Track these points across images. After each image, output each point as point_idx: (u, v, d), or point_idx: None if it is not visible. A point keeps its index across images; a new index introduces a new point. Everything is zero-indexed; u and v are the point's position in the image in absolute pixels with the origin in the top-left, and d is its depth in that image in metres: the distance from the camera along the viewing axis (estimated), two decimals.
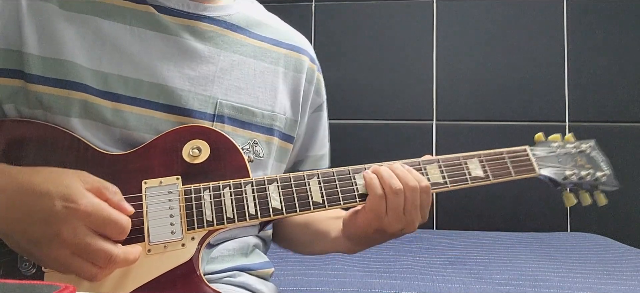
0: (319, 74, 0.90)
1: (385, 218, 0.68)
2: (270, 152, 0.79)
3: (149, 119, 0.69)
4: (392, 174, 0.69)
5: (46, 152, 0.65)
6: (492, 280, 1.26)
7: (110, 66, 0.69)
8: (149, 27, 0.72)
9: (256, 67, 0.79)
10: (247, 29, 0.81)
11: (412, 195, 0.68)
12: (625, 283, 1.24)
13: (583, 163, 0.80)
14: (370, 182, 0.69)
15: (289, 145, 0.84)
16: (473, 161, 0.75)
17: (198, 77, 0.73)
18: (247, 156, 0.71)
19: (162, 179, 0.65)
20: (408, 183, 0.68)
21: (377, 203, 0.68)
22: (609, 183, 0.79)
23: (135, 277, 0.60)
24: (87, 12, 0.69)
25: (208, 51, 0.75)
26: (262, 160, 0.78)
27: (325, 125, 0.93)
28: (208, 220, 0.64)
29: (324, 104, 0.92)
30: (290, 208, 0.67)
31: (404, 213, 0.68)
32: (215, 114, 0.73)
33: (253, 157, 0.76)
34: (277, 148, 0.81)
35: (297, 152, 0.90)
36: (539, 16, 2.18)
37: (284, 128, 0.82)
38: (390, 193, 0.67)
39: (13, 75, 0.66)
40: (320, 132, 0.92)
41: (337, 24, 2.29)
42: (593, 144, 0.83)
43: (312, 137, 0.91)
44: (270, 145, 0.79)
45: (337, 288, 1.21)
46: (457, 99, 2.20)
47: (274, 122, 0.79)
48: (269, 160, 0.79)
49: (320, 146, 0.92)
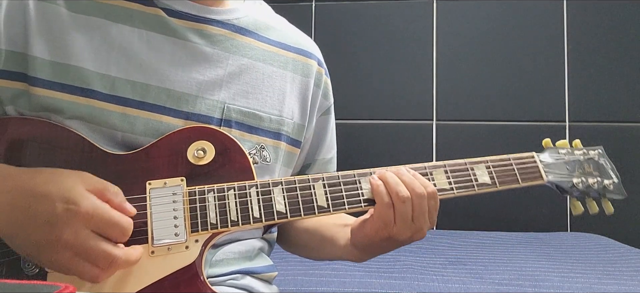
0: (327, 78, 0.90)
1: (394, 227, 0.67)
2: (278, 157, 0.79)
3: (157, 124, 0.69)
4: (398, 181, 0.67)
5: (51, 151, 0.64)
6: (492, 280, 1.26)
7: (117, 70, 0.68)
8: (157, 30, 0.71)
9: (265, 71, 0.79)
10: (255, 33, 0.80)
11: (420, 202, 0.67)
12: (625, 283, 1.24)
13: (591, 171, 0.79)
14: (377, 190, 0.68)
15: (296, 150, 0.84)
16: (480, 167, 0.74)
17: (206, 82, 0.72)
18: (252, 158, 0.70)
19: (167, 180, 0.65)
20: (415, 190, 0.67)
21: (385, 212, 0.67)
22: (617, 192, 0.78)
23: (138, 279, 0.60)
24: (94, 14, 0.69)
25: (216, 55, 0.74)
26: (269, 165, 0.77)
27: (333, 129, 0.93)
28: (212, 223, 0.64)
29: (332, 107, 0.91)
30: (294, 211, 0.66)
31: (412, 221, 0.67)
32: (222, 118, 0.73)
33: (259, 160, 0.75)
34: (285, 153, 0.81)
35: (305, 156, 0.89)
36: (539, 16, 2.18)
37: (291, 132, 0.82)
38: (397, 201, 0.66)
39: (16, 78, 0.66)
40: (328, 135, 0.91)
41: (337, 24, 2.29)
42: (601, 152, 0.82)
43: (320, 141, 0.90)
44: (277, 150, 0.79)
45: (337, 288, 1.21)
46: (457, 99, 2.20)
47: (282, 127, 0.79)
48: (276, 165, 0.79)
49: (327, 149, 0.92)
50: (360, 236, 0.73)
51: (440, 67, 2.23)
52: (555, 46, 2.16)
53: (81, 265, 0.55)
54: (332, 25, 2.29)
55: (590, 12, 2.15)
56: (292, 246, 0.92)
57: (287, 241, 0.92)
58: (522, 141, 2.07)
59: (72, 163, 0.64)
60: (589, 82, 2.13)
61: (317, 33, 2.29)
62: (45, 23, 0.66)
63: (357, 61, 2.26)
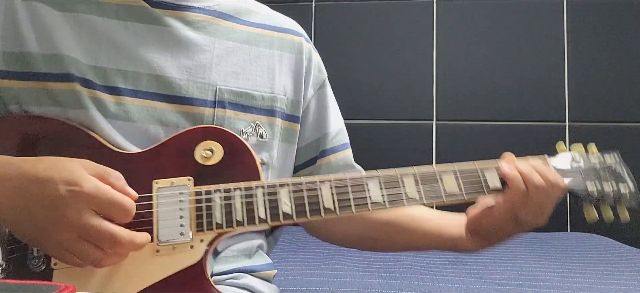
0: (316, 53, 0.91)
1: (523, 212, 0.70)
2: (274, 133, 0.80)
3: (151, 110, 0.70)
4: (532, 170, 0.70)
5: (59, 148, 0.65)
6: (492, 280, 1.27)
7: (108, 61, 0.70)
8: (142, 20, 0.73)
9: (251, 52, 0.80)
10: (237, 17, 0.81)
11: (552, 191, 0.71)
12: (625, 283, 1.24)
13: (606, 177, 0.77)
14: (513, 178, 0.70)
15: (294, 125, 0.84)
16: (490, 170, 0.73)
17: (195, 66, 0.74)
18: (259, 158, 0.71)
19: (174, 179, 0.65)
20: (549, 179, 0.70)
21: (519, 198, 0.70)
22: (634, 199, 0.76)
23: (143, 277, 0.60)
24: (80, 11, 0.70)
25: (202, 39, 0.76)
26: (266, 141, 0.78)
27: (334, 100, 0.93)
28: (217, 223, 0.64)
29: (327, 80, 0.92)
30: (300, 213, 0.66)
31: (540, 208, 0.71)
32: (216, 100, 0.74)
33: (256, 138, 0.76)
34: (281, 129, 0.82)
35: (312, 131, 0.88)
36: (539, 16, 2.18)
37: (286, 108, 0.82)
38: (533, 189, 0.69)
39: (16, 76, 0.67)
40: (330, 107, 0.91)
41: (337, 24, 2.29)
42: (618, 157, 0.79)
43: (324, 114, 0.90)
44: (273, 126, 0.79)
45: (337, 288, 1.21)
46: (457, 99, 2.21)
47: (275, 103, 0.80)
48: (273, 141, 0.80)
49: (333, 122, 0.90)
50: (486, 222, 0.75)
51: (440, 67, 2.23)
52: (555, 46, 2.17)
53: (85, 247, 0.56)
54: (332, 25, 2.30)
55: (590, 12, 2.16)
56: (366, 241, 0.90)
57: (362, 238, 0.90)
58: (522, 141, 2.07)
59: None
60: (589, 82, 2.14)
61: (317, 33, 2.29)
62: (34, 20, 0.68)
63: (357, 61, 2.27)
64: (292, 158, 0.85)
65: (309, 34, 0.91)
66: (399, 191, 0.69)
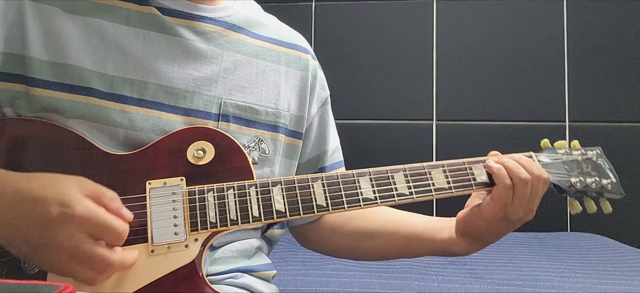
0: (321, 71, 0.92)
1: (511, 208, 0.71)
2: (277, 149, 0.80)
3: (156, 120, 0.70)
4: (517, 165, 0.72)
5: (50, 151, 0.65)
6: (492, 280, 1.26)
7: (115, 68, 0.69)
8: (152, 28, 0.72)
9: (258, 66, 0.80)
10: (247, 29, 0.81)
11: (537, 184, 0.72)
12: (625, 283, 1.24)
13: (589, 170, 0.80)
14: (498, 172, 0.71)
15: (297, 141, 0.85)
16: (478, 166, 0.75)
17: (202, 78, 0.74)
18: (251, 157, 0.71)
19: (166, 180, 0.65)
20: (534, 172, 0.71)
21: (506, 193, 0.70)
22: (615, 191, 0.79)
23: (138, 278, 0.61)
24: (90, 14, 0.70)
25: (211, 51, 0.75)
26: (268, 157, 0.78)
27: (332, 118, 0.95)
28: (211, 222, 0.64)
29: (329, 98, 0.93)
30: (293, 211, 0.67)
31: (527, 202, 0.72)
32: (220, 113, 0.74)
33: (257, 159, 0.76)
34: (284, 145, 0.82)
35: (313, 148, 0.90)
36: (539, 16, 2.18)
37: (289, 124, 0.83)
38: (519, 183, 0.70)
39: (14, 79, 0.66)
40: (330, 125, 0.93)
41: (337, 24, 2.29)
42: (599, 152, 0.83)
43: (325, 131, 0.91)
44: (276, 142, 0.80)
45: (337, 288, 1.21)
46: (457, 99, 2.20)
47: (279, 119, 0.80)
48: (276, 157, 0.80)
49: (332, 139, 0.93)
50: (476, 222, 0.75)
51: (440, 67, 2.23)
52: (555, 46, 2.16)
53: (77, 268, 0.55)
54: (332, 25, 2.29)
55: (590, 12, 2.15)
56: (360, 251, 0.89)
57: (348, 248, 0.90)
58: (522, 141, 2.06)
59: (72, 163, 0.64)
60: (589, 82, 2.13)
61: (317, 33, 2.29)
62: (42, 24, 0.67)
63: (357, 60, 2.26)
64: (293, 173, 0.86)
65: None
66: (390, 187, 0.71)
